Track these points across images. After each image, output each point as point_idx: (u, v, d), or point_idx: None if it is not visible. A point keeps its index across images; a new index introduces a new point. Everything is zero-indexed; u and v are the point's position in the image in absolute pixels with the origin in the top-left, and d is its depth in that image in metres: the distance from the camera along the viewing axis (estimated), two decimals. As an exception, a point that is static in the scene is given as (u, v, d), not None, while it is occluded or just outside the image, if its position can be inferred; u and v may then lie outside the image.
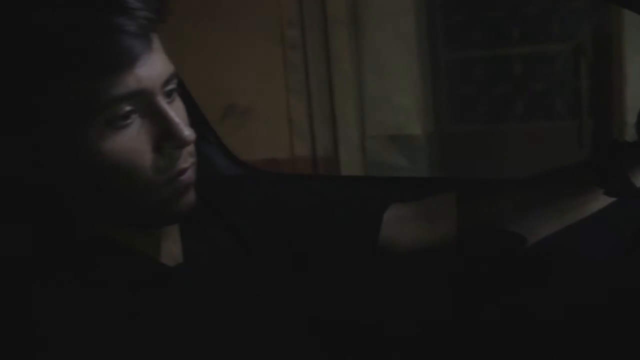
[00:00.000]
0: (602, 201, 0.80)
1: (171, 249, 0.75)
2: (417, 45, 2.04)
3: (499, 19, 2.05)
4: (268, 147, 1.78)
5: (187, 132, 0.66)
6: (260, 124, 1.57)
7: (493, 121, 2.10)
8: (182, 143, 0.67)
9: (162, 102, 0.66)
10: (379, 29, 2.02)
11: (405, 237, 0.86)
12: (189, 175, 0.68)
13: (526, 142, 2.03)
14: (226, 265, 0.79)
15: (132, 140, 0.65)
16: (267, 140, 1.80)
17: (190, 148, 0.68)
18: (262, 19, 1.88)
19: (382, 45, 2.03)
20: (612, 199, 0.79)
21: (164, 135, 0.66)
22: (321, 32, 2.03)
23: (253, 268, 0.81)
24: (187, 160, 0.68)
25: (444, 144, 2.11)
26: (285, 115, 1.96)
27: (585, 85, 1.97)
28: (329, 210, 0.86)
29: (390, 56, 2.03)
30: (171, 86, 0.68)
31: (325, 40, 2.03)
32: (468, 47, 2.09)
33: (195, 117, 0.88)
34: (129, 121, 0.65)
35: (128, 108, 0.64)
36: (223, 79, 1.77)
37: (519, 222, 0.83)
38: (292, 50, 2.01)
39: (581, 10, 1.97)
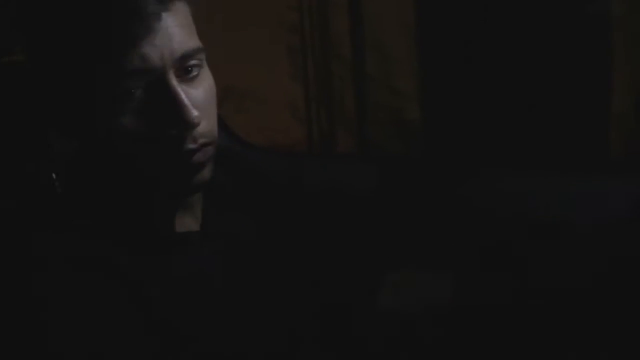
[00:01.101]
0: None
1: (186, 221, 0.77)
2: (417, 30, 2.03)
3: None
4: (266, 129, 1.78)
5: (192, 115, 0.66)
6: (258, 106, 1.57)
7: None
8: (184, 125, 0.66)
9: (172, 80, 0.66)
10: (380, 14, 2.02)
11: (402, 303, 0.96)
12: (199, 156, 0.69)
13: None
14: (241, 246, 0.82)
15: (138, 117, 0.66)
16: (265, 123, 1.80)
17: (203, 129, 0.68)
18: (261, 2, 1.88)
19: (382, 29, 2.02)
20: None
21: (169, 115, 0.66)
22: (321, 16, 2.03)
23: (268, 254, 0.85)
24: (196, 141, 0.68)
25: (443, 129, 2.11)
26: (283, 98, 1.97)
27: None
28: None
29: (390, 41, 2.03)
30: (192, 62, 0.68)
31: (324, 24, 2.03)
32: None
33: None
34: (134, 98, 0.66)
35: (134, 85, 0.65)
36: (221, 61, 1.77)
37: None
38: (291, 33, 2.01)
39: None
